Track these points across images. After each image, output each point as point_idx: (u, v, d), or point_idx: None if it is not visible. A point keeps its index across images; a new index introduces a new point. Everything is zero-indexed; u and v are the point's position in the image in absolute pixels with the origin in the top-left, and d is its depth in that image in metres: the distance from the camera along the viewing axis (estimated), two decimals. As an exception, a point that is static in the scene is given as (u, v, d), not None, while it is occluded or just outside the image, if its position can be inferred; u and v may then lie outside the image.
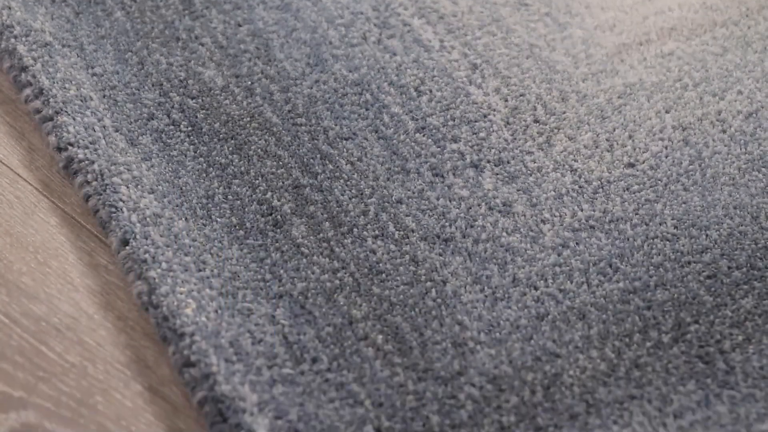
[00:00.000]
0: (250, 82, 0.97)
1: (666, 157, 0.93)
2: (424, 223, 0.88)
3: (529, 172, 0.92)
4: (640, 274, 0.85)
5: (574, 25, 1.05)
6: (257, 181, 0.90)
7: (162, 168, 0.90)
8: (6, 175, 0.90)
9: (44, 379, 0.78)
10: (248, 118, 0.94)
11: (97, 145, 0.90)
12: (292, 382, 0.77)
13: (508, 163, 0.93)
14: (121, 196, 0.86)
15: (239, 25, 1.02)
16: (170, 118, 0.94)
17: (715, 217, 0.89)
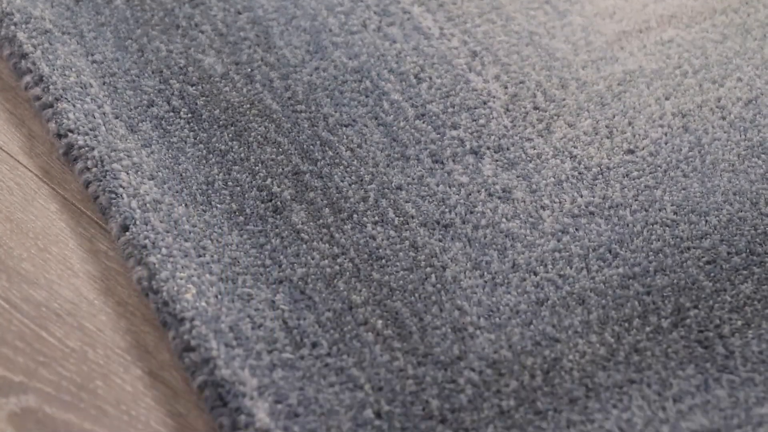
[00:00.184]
0: (249, 69, 0.97)
1: (666, 144, 0.94)
2: (424, 209, 0.88)
3: (528, 158, 0.92)
4: (639, 259, 0.85)
5: (574, 12, 1.05)
6: (257, 168, 0.90)
7: (162, 154, 0.90)
8: (6, 161, 0.90)
9: (44, 364, 0.78)
10: (248, 105, 0.94)
11: (97, 132, 0.90)
12: (292, 366, 0.77)
13: (508, 149, 0.93)
14: (121, 183, 0.87)
15: (239, 13, 1.02)
16: (170, 104, 0.94)
17: (715, 203, 0.89)
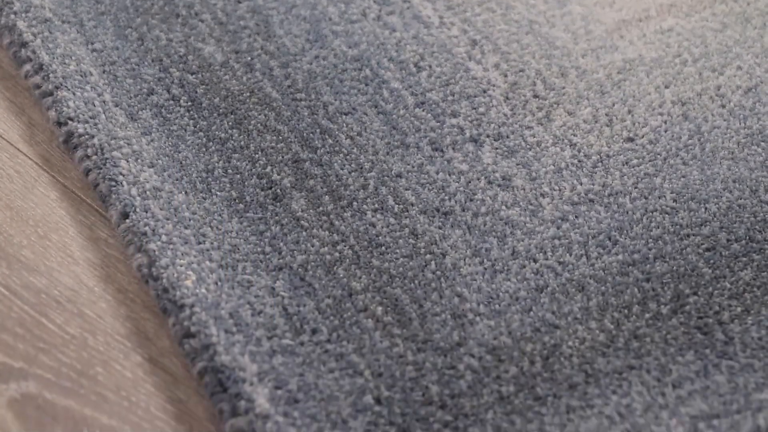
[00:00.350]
0: (249, 58, 0.97)
1: (665, 132, 0.94)
2: (424, 197, 0.88)
3: (528, 146, 0.92)
4: (639, 246, 0.85)
5: (574, 1, 1.05)
6: (257, 156, 0.90)
7: (162, 142, 0.90)
8: (6, 149, 0.91)
9: (44, 351, 0.78)
10: (248, 94, 0.94)
11: (97, 120, 0.90)
12: (292, 352, 0.77)
13: (508, 137, 0.93)
14: (120, 170, 0.87)
15: (239, 2, 1.02)
16: (170, 93, 0.94)
17: (714, 191, 0.89)
